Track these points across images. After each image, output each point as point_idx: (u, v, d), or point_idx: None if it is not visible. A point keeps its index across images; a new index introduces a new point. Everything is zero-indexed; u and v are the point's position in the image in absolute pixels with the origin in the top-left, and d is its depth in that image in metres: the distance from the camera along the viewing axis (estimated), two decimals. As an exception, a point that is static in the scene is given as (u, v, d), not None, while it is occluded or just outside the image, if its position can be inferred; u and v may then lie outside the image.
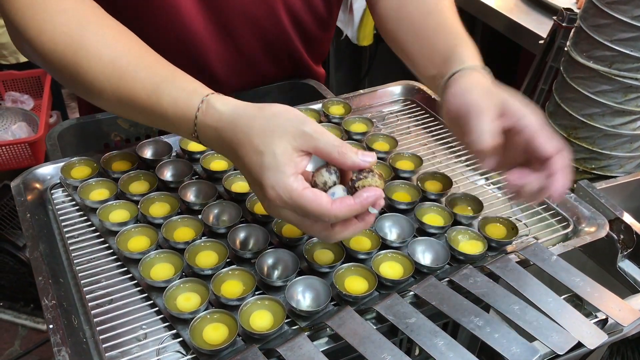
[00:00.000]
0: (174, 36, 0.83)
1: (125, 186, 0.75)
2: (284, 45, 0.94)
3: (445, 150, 0.87)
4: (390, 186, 0.76)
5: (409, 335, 0.58)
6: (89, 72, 0.63)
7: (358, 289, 0.63)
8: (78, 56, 0.63)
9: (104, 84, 0.63)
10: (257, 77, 0.97)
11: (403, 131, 0.91)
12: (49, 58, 0.64)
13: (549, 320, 0.60)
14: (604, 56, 1.01)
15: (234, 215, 0.71)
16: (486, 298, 0.62)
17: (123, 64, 0.62)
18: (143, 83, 0.61)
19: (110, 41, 0.64)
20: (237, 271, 0.64)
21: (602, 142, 1.08)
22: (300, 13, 0.90)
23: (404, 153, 0.83)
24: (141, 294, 0.64)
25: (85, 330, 0.61)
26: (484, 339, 0.57)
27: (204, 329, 0.58)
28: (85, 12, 0.65)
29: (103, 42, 0.63)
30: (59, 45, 0.63)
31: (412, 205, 0.73)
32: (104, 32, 0.64)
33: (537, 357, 0.56)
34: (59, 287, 0.64)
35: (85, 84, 0.64)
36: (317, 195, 0.53)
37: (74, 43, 0.63)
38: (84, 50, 0.62)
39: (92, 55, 0.62)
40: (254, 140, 0.54)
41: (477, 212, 0.73)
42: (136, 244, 0.67)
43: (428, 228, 0.70)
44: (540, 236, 0.73)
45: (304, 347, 0.56)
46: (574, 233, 0.74)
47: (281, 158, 0.53)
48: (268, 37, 0.90)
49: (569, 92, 1.09)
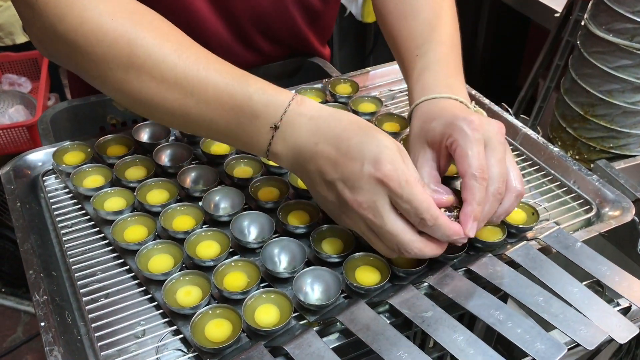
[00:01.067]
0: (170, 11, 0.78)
1: (121, 172, 0.71)
2: (285, 23, 0.89)
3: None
4: None
5: (426, 330, 0.54)
6: (146, 64, 0.56)
7: (370, 280, 0.59)
8: (135, 45, 0.56)
9: (167, 74, 0.56)
10: (257, 58, 0.92)
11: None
12: (96, 50, 0.56)
13: (576, 312, 0.56)
14: (625, 29, 0.96)
15: (236, 202, 0.67)
16: (507, 289, 0.58)
17: (190, 54, 0.57)
18: (221, 73, 0.57)
19: (166, 31, 0.58)
20: (240, 262, 0.60)
21: (621, 119, 1.03)
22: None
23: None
24: (139, 288, 0.60)
25: (80, 327, 0.57)
26: (505, 334, 0.53)
27: (206, 325, 0.54)
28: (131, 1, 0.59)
29: (159, 32, 0.57)
30: (107, 35, 0.55)
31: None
32: (158, 25, 0.58)
33: (563, 354, 0.52)
34: (51, 281, 0.60)
35: (141, 75, 0.56)
36: (426, 193, 0.53)
37: (129, 32, 0.56)
38: (142, 39, 0.56)
39: (152, 44, 0.56)
40: (362, 122, 0.55)
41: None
42: (133, 234, 0.63)
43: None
44: (561, 221, 0.69)
45: (313, 345, 0.52)
46: (597, 217, 0.70)
47: (396, 145, 0.54)
48: (268, 14, 0.86)
49: (587, 68, 1.04)
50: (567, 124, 1.11)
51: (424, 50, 0.67)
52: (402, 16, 0.72)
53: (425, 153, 0.59)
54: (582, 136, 1.09)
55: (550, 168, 0.76)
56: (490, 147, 0.56)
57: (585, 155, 1.10)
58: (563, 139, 1.13)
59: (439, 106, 0.61)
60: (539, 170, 0.77)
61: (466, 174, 0.54)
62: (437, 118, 0.59)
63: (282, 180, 0.70)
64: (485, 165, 0.55)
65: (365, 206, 0.53)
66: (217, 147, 0.75)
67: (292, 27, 0.90)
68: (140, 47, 0.56)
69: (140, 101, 0.58)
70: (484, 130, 0.56)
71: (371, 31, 2.15)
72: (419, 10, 0.71)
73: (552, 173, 0.75)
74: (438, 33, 0.69)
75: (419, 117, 0.62)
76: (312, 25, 0.93)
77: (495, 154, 0.56)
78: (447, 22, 0.71)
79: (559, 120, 1.13)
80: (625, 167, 0.97)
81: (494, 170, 0.55)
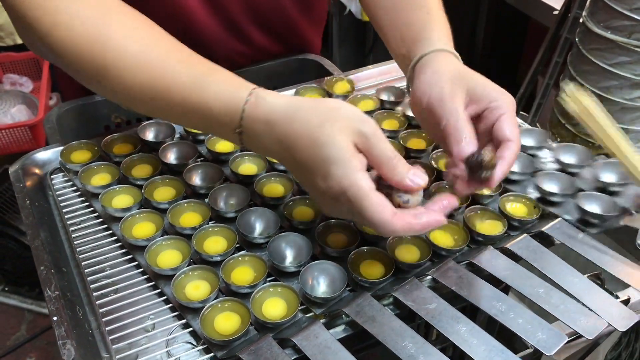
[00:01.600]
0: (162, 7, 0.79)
1: (128, 170, 0.72)
2: (278, 11, 0.88)
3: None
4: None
5: (430, 321, 0.55)
6: (116, 67, 0.57)
7: (374, 273, 0.60)
8: (104, 49, 0.56)
9: (135, 79, 0.57)
10: (250, 50, 0.92)
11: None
12: (68, 54, 0.57)
13: (576, 302, 0.57)
14: (623, 26, 0.97)
15: (242, 199, 0.68)
16: (509, 281, 0.59)
17: (154, 57, 0.57)
18: (181, 76, 0.57)
19: (136, 32, 0.58)
20: (247, 257, 0.61)
21: (619, 116, 1.04)
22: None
23: (414, 131, 0.79)
24: (148, 283, 0.61)
25: (91, 321, 0.58)
26: (507, 325, 0.55)
27: (215, 319, 0.56)
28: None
29: (129, 33, 0.58)
30: (79, 39, 0.56)
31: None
32: (127, 22, 0.59)
33: (564, 342, 0.53)
34: (61, 277, 0.62)
35: (112, 80, 0.57)
36: (381, 203, 0.50)
37: (97, 35, 0.56)
38: (110, 42, 0.56)
39: (120, 47, 0.57)
40: (315, 132, 0.51)
41: (495, 190, 0.70)
42: (141, 231, 0.64)
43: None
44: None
45: (320, 336, 0.53)
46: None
47: (347, 152, 0.51)
48: (260, 4, 0.86)
49: (585, 65, 1.05)
50: (566, 121, 1.12)
51: (426, 34, 0.67)
52: (393, 7, 0.73)
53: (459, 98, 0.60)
54: (581, 132, 1.10)
55: (549, 163, 0.77)
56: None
57: (584, 151, 1.11)
58: (562, 135, 1.14)
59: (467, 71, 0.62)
60: (538, 166, 0.78)
61: (511, 138, 0.58)
62: (473, 80, 0.61)
63: (287, 177, 0.71)
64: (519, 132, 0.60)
65: (343, 212, 0.54)
66: (222, 145, 0.76)
67: (284, 16, 0.90)
68: (110, 49, 0.57)
69: (117, 98, 0.61)
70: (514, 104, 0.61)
71: (371, 30, 2.16)
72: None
73: (551, 168, 0.77)
74: (433, 17, 0.69)
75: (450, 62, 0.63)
76: (305, 13, 0.92)
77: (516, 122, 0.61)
78: (436, 5, 0.72)
79: (559, 117, 1.14)
80: (623, 162, 0.98)
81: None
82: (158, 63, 0.57)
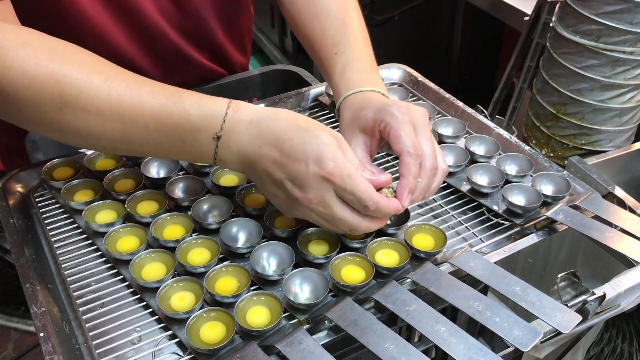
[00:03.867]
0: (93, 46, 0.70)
1: (111, 185, 0.73)
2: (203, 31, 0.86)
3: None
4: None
5: (410, 322, 0.57)
6: (79, 100, 0.55)
7: (355, 278, 0.62)
8: (62, 85, 0.55)
9: (101, 106, 0.56)
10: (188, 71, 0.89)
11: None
12: (23, 97, 0.55)
13: (551, 299, 0.59)
14: (590, 30, 1.00)
15: (224, 210, 0.70)
16: (486, 280, 0.61)
17: (120, 82, 0.57)
18: (153, 95, 0.57)
19: (91, 63, 0.58)
20: (230, 267, 0.62)
21: (591, 117, 1.07)
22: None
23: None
24: (133, 296, 0.62)
25: (78, 336, 0.59)
26: (484, 323, 0.56)
27: (201, 328, 0.57)
28: (49, 40, 0.58)
29: (85, 66, 0.57)
30: (34, 80, 0.55)
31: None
32: (82, 58, 0.58)
33: (539, 339, 0.55)
34: (47, 293, 0.62)
35: (74, 116, 0.56)
36: (367, 182, 0.57)
37: (54, 72, 0.55)
38: (68, 77, 0.55)
39: (80, 80, 0.55)
40: (303, 125, 0.57)
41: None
42: (125, 245, 0.65)
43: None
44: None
45: (304, 342, 0.55)
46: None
47: (335, 140, 0.57)
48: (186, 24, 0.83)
49: (557, 68, 1.08)
50: (540, 123, 1.15)
51: (341, 48, 0.73)
52: (313, 15, 0.77)
53: (357, 138, 0.65)
54: (555, 134, 1.13)
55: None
56: (419, 128, 0.62)
57: (559, 153, 1.14)
58: (537, 137, 1.17)
59: (366, 97, 0.67)
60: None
61: (402, 152, 0.60)
62: (367, 107, 0.65)
63: (268, 187, 0.72)
64: (417, 143, 0.61)
65: (315, 202, 0.57)
66: (204, 158, 0.77)
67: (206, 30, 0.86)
68: (69, 85, 0.55)
69: (80, 136, 0.59)
70: (411, 114, 0.62)
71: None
72: (328, 9, 0.76)
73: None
74: (351, 30, 0.74)
75: (348, 108, 0.68)
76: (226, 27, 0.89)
77: (424, 134, 0.62)
78: (355, 18, 0.76)
79: (533, 120, 1.17)
80: (597, 162, 1.01)
81: (426, 148, 0.61)
82: (126, 88, 0.57)
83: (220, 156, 0.59)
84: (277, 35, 2.50)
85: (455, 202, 0.75)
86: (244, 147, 0.58)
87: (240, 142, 0.58)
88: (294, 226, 0.67)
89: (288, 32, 2.45)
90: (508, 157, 0.78)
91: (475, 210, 0.73)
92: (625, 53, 0.98)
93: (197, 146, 0.59)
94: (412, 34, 2.09)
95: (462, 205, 0.74)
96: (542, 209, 0.70)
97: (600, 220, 0.69)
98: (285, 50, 2.51)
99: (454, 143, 0.81)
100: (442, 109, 0.90)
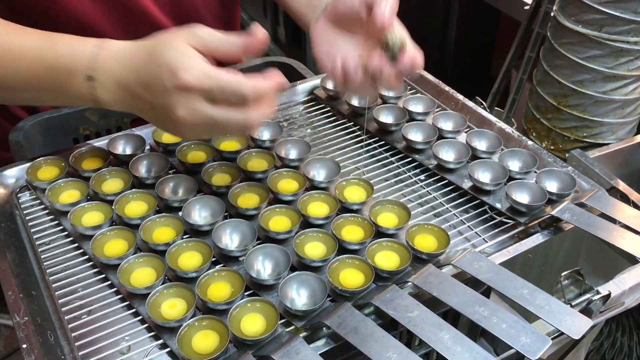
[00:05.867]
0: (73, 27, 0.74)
1: (98, 185, 0.70)
2: (195, 17, 0.86)
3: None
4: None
5: (412, 330, 0.54)
6: None
7: (354, 282, 0.59)
8: None
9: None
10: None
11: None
12: None
13: (560, 302, 0.56)
14: (593, 19, 0.97)
15: (217, 211, 0.67)
16: (492, 283, 0.58)
17: (1, 29, 0.59)
18: (29, 39, 0.59)
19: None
20: (223, 272, 0.59)
21: (593, 109, 1.05)
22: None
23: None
24: (122, 303, 0.59)
25: (63, 346, 0.56)
26: (491, 330, 0.54)
27: (193, 338, 0.54)
28: None
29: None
30: None
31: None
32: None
33: (548, 345, 0.53)
34: (31, 301, 0.59)
35: None
36: (232, 74, 0.53)
37: None
38: None
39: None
40: (154, 47, 0.55)
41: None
42: (113, 249, 0.62)
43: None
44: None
45: (301, 352, 0.52)
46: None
47: (191, 49, 0.54)
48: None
49: (558, 59, 1.05)
50: (541, 115, 1.12)
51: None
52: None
53: (346, 41, 0.65)
54: (556, 127, 1.10)
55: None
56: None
57: (560, 145, 1.12)
58: (538, 130, 1.15)
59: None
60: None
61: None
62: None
63: (262, 186, 0.69)
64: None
65: (190, 117, 0.54)
66: (194, 156, 0.74)
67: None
68: None
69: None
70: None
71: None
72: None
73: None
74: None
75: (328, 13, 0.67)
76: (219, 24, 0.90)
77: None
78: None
79: (533, 112, 1.14)
80: (599, 155, 0.99)
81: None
82: (5, 34, 0.59)
83: (99, 97, 0.58)
84: (269, 25, 2.46)
85: (456, 200, 0.72)
86: (118, 84, 0.57)
87: (113, 80, 0.57)
88: (289, 227, 0.64)
89: (281, 21, 2.41)
90: (511, 152, 0.75)
91: (478, 208, 0.71)
92: (629, 43, 0.96)
93: (74, 88, 0.58)
94: (407, 21, 2.06)
95: (463, 203, 0.71)
96: (547, 207, 0.68)
97: (606, 218, 0.67)
98: (279, 40, 2.47)
99: (454, 138, 0.78)
100: (441, 102, 0.87)
